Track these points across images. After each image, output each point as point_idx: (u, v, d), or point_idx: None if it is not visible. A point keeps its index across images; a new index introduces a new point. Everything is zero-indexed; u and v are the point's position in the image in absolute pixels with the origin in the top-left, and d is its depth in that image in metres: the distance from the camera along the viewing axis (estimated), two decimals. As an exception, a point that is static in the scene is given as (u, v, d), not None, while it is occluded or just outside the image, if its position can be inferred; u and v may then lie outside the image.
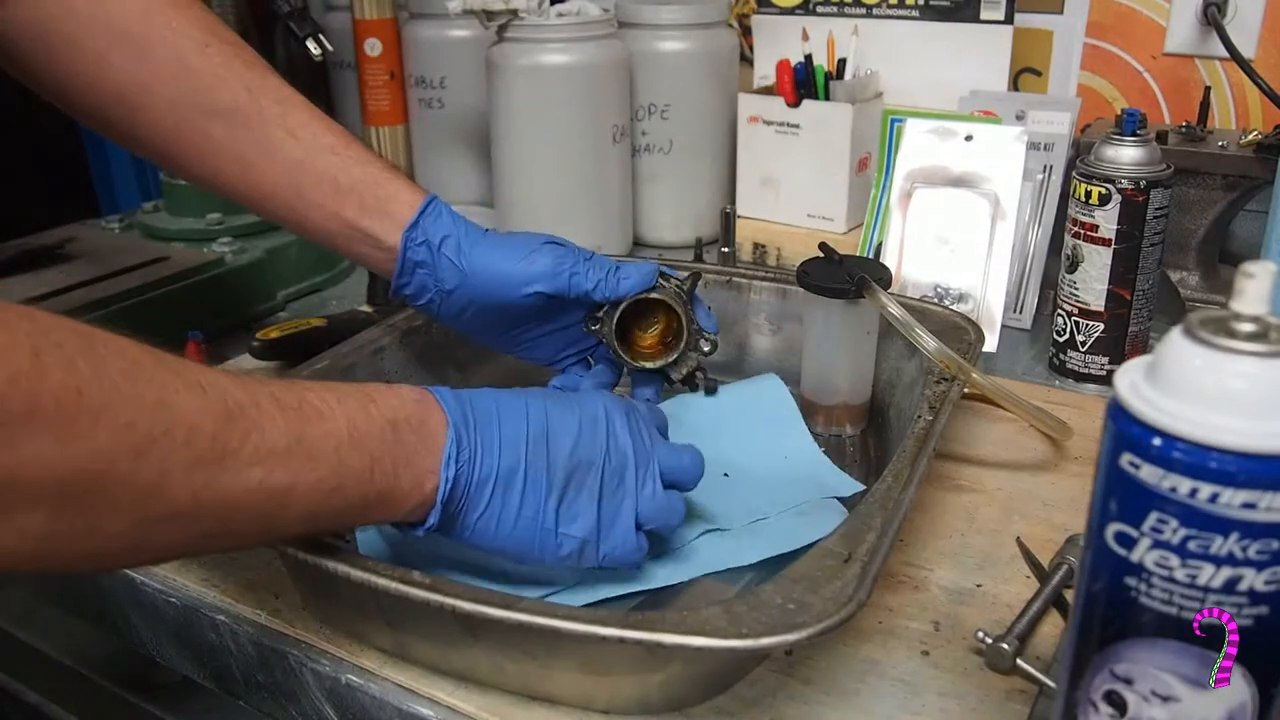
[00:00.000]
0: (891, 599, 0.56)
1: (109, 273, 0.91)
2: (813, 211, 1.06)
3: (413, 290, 0.66)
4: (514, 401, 0.52)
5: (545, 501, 0.51)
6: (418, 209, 0.65)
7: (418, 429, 0.48)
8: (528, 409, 0.52)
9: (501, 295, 0.65)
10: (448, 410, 0.50)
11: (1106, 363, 0.80)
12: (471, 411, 0.50)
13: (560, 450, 0.51)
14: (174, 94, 0.63)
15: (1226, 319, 0.32)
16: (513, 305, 0.65)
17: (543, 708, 0.49)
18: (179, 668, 0.61)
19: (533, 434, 0.51)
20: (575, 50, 0.99)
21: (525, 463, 0.50)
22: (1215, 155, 0.89)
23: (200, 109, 0.63)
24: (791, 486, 0.65)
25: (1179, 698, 0.34)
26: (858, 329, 0.73)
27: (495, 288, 0.64)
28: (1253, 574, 0.31)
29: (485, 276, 0.64)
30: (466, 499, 0.49)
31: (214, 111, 0.63)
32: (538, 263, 0.64)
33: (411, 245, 0.64)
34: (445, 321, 0.68)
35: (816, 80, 1.03)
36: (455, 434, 0.49)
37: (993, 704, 0.49)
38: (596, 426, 0.53)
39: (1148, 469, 0.32)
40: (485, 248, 0.65)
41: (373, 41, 1.22)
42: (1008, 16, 1.00)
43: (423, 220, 0.65)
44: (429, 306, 0.67)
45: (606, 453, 0.53)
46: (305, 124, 0.65)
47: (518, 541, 0.51)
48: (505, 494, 0.50)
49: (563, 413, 0.53)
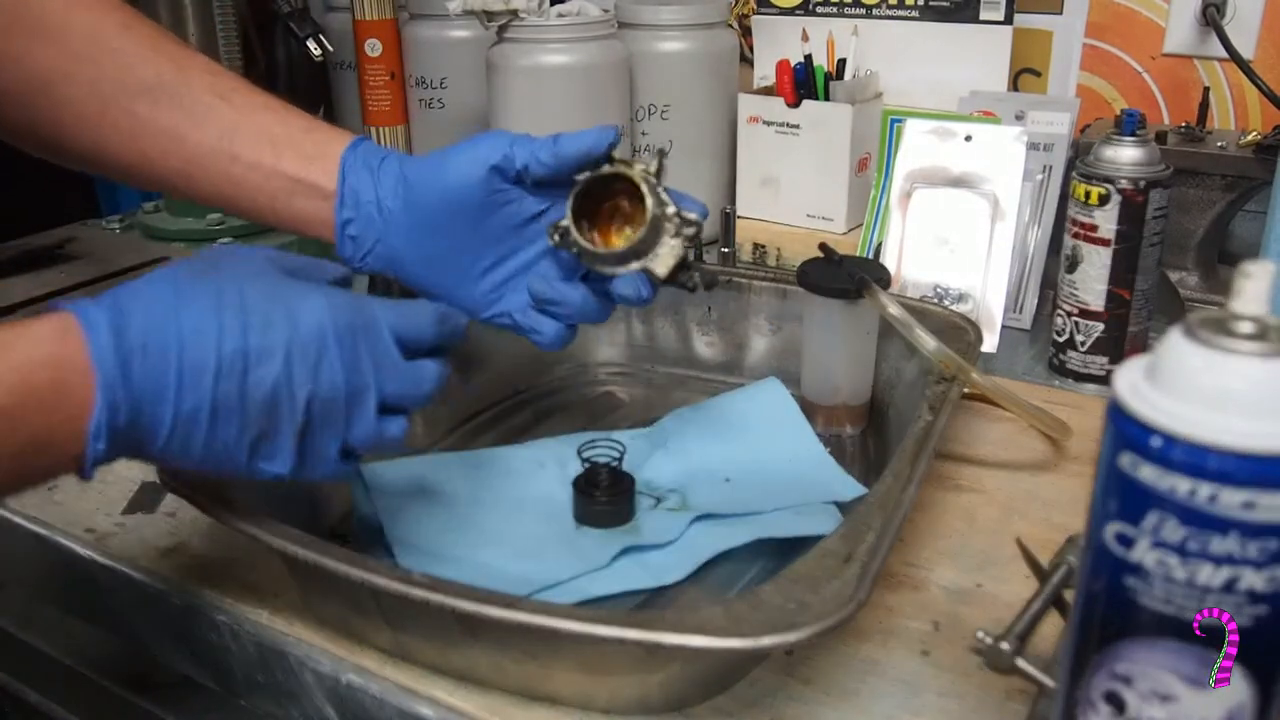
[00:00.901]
0: (891, 599, 0.56)
1: (109, 273, 0.91)
2: (813, 212, 1.06)
3: (358, 228, 0.60)
4: (203, 309, 0.44)
5: (238, 439, 0.45)
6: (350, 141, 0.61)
7: (54, 392, 0.41)
8: (221, 323, 0.44)
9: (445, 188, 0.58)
10: (97, 363, 0.41)
11: (1106, 363, 0.80)
12: (137, 352, 0.42)
13: (258, 385, 0.44)
14: (94, 75, 0.61)
15: (1226, 319, 0.32)
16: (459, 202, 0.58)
17: (543, 708, 0.49)
18: (179, 668, 0.61)
19: (225, 365, 0.43)
20: (575, 50, 0.99)
21: (212, 401, 0.43)
22: (1215, 155, 0.89)
23: (124, 88, 0.61)
24: (792, 489, 0.65)
25: (1179, 697, 0.34)
26: (858, 329, 0.73)
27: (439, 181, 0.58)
28: (1252, 574, 0.31)
29: (427, 174, 0.59)
30: (138, 446, 0.44)
31: (139, 88, 0.60)
32: (478, 141, 0.59)
33: (351, 170, 0.59)
34: (393, 268, 0.61)
35: (816, 80, 1.03)
36: (108, 399, 0.41)
37: (993, 704, 0.49)
38: (305, 356, 0.46)
39: (1147, 469, 0.32)
40: (424, 157, 0.60)
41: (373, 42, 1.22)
42: (1007, 17, 1.00)
43: (361, 145, 0.61)
44: (375, 252, 0.60)
45: (315, 386, 0.46)
46: (235, 89, 0.62)
47: (211, 468, 0.46)
48: (188, 434, 0.44)
49: (268, 330, 0.45)
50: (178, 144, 0.61)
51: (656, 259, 0.57)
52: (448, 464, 0.66)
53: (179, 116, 0.61)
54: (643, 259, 0.57)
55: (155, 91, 0.61)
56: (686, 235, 0.57)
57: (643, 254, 0.57)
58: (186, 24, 1.11)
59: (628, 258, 0.57)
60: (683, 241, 0.58)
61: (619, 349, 0.86)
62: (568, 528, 0.63)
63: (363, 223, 0.60)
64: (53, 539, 0.64)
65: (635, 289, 0.58)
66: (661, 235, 0.57)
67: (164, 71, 0.61)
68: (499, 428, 0.77)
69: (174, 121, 0.61)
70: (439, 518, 0.62)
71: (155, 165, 0.62)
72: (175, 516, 0.65)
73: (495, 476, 0.66)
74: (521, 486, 0.66)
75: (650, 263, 0.57)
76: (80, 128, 0.62)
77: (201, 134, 0.60)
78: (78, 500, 0.66)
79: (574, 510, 0.63)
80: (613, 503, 0.62)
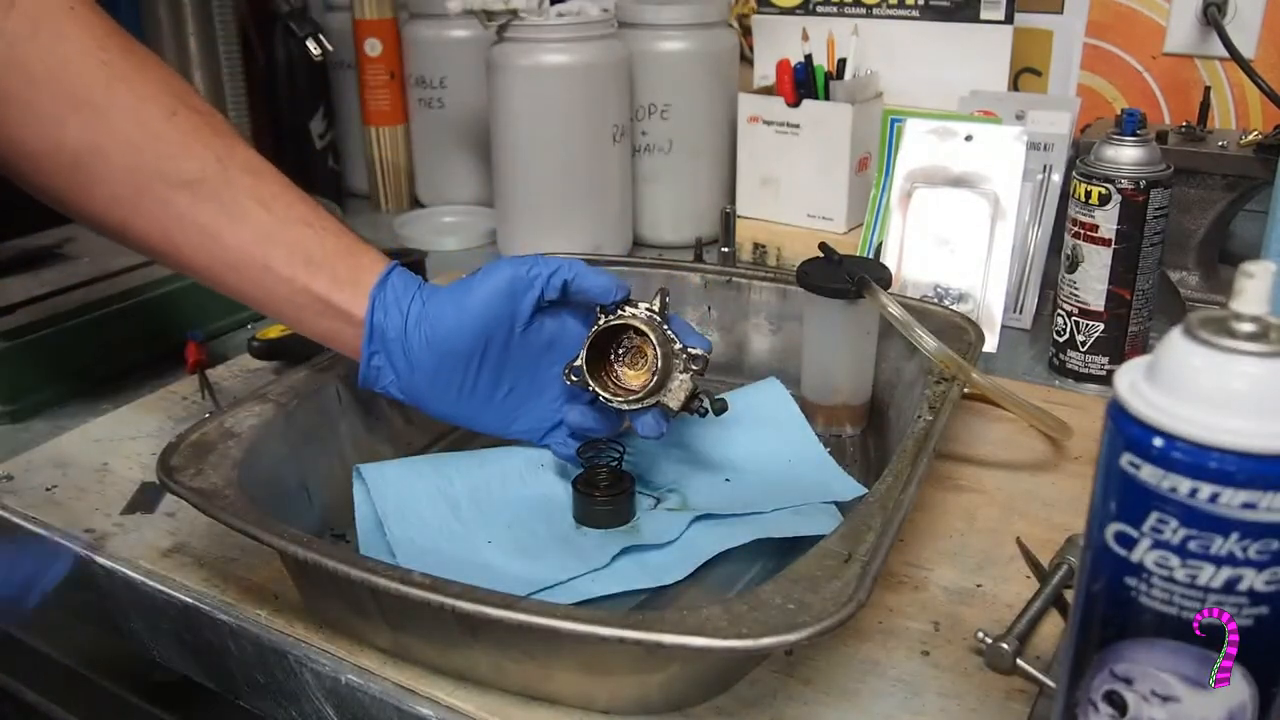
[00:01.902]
0: (891, 599, 0.56)
1: (109, 273, 0.91)
2: (813, 211, 1.06)
3: (382, 361, 0.62)
4: None
5: None
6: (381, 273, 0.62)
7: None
8: None
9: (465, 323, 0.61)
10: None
11: (1106, 363, 0.80)
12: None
13: None
14: (134, 161, 0.59)
15: (1226, 319, 0.32)
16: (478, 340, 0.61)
17: (543, 708, 0.49)
18: (179, 668, 0.61)
19: None
20: (575, 50, 0.99)
21: None
22: (1215, 155, 0.89)
23: (163, 178, 0.59)
24: (792, 489, 0.65)
25: (1179, 698, 0.34)
26: (858, 329, 0.73)
27: (456, 315, 0.61)
28: (1253, 574, 0.31)
29: (449, 304, 0.61)
30: None
31: (179, 181, 0.59)
32: (495, 270, 0.62)
33: (379, 307, 0.61)
34: (421, 398, 0.63)
35: (816, 80, 1.03)
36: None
37: (993, 704, 0.49)
38: None
39: (1148, 469, 0.32)
40: (448, 291, 0.62)
41: (373, 41, 1.22)
42: (1008, 16, 1.00)
43: (390, 278, 0.62)
44: (400, 383, 0.62)
45: None
46: (278, 195, 0.61)
47: None
48: None
49: None
50: (211, 242, 0.60)
51: (669, 394, 0.61)
52: (448, 464, 0.66)
53: (215, 215, 0.60)
54: (656, 397, 0.61)
55: (196, 186, 0.60)
56: (694, 370, 0.62)
57: (655, 393, 0.61)
58: (186, 24, 1.11)
59: (642, 400, 0.61)
60: (690, 376, 0.62)
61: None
62: (568, 528, 0.63)
63: (387, 358, 0.62)
64: (52, 539, 0.64)
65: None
66: (671, 372, 0.62)
67: (207, 166, 0.60)
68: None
69: (210, 219, 0.60)
70: (439, 518, 0.62)
71: (185, 258, 0.62)
72: (175, 516, 0.65)
73: (495, 476, 0.66)
74: (521, 486, 0.65)
75: (664, 398, 0.62)
76: (111, 207, 0.61)
77: (237, 236, 0.60)
78: (77, 500, 0.66)
79: (574, 510, 0.63)
80: (613, 503, 0.62)
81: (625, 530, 0.62)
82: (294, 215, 0.61)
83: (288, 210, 0.61)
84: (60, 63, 0.58)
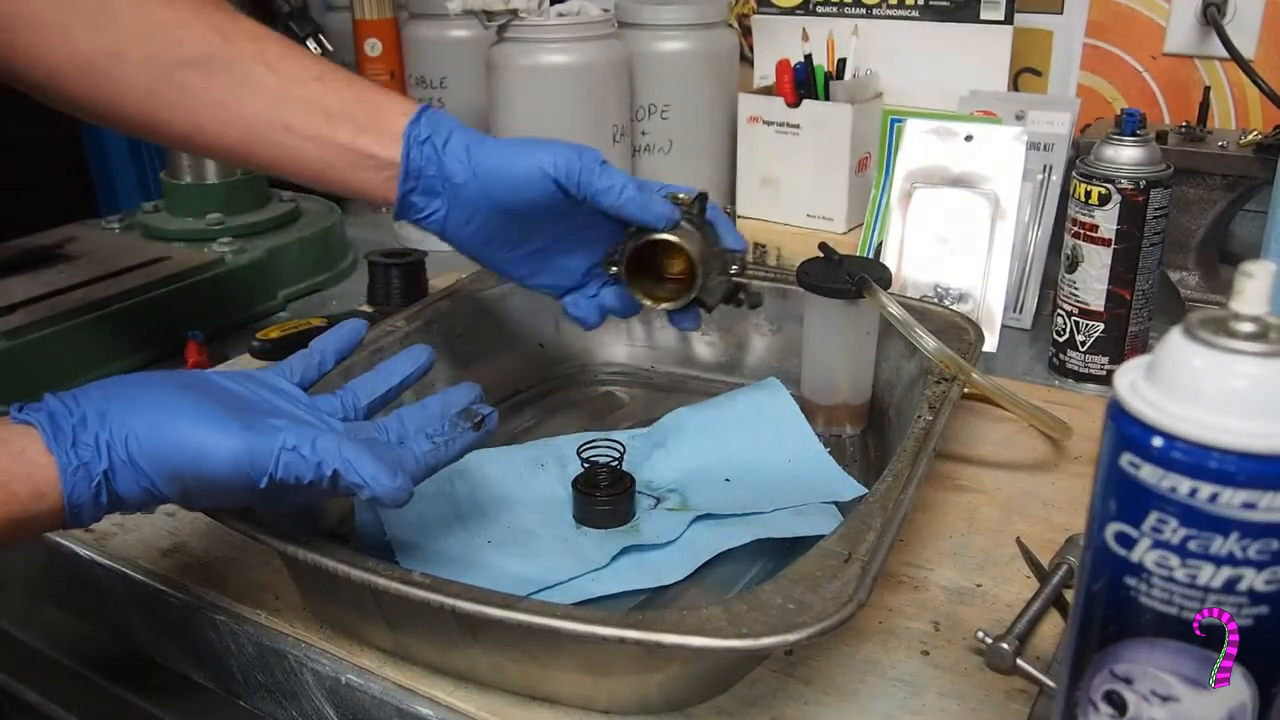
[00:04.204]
0: (891, 599, 0.56)
1: (109, 273, 0.91)
2: (813, 211, 1.06)
3: (420, 196, 0.61)
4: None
5: None
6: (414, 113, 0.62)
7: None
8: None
9: (512, 187, 0.60)
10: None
11: (1106, 363, 0.80)
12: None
13: None
14: (145, 53, 0.60)
15: (1226, 319, 0.32)
16: (523, 203, 0.61)
17: (543, 708, 0.49)
18: (179, 668, 0.61)
19: None
20: (575, 50, 0.99)
21: None
22: (1215, 155, 0.89)
23: (173, 62, 0.60)
24: (792, 489, 0.65)
25: (1179, 698, 0.34)
26: (858, 329, 0.73)
27: (505, 178, 0.60)
28: (1253, 574, 0.31)
29: (495, 167, 0.60)
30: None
31: (187, 61, 0.60)
32: (550, 149, 0.61)
33: (414, 145, 0.61)
34: (453, 238, 0.64)
35: (816, 80, 1.03)
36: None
37: (993, 704, 0.49)
38: None
39: (1148, 469, 0.32)
40: (492, 143, 0.62)
41: (373, 41, 1.22)
42: (1008, 16, 1.00)
43: (423, 118, 0.61)
44: (436, 218, 0.62)
45: None
46: (283, 56, 0.61)
47: None
48: None
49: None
50: (232, 117, 0.61)
51: (706, 293, 0.64)
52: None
53: (229, 88, 0.60)
54: (690, 298, 0.64)
55: (204, 63, 0.60)
56: (730, 274, 0.65)
57: (690, 296, 0.64)
58: (186, 24, 1.11)
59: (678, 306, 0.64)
60: (727, 279, 0.65)
61: (619, 349, 0.86)
62: (568, 528, 0.63)
63: (425, 193, 0.61)
64: (52, 539, 0.64)
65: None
66: (710, 274, 0.64)
67: (211, 41, 0.60)
68: (499, 428, 0.76)
69: (224, 94, 0.60)
70: (439, 518, 0.62)
71: (211, 138, 0.62)
72: (175, 517, 0.65)
73: (495, 477, 0.66)
74: (521, 486, 0.65)
75: (701, 297, 0.64)
76: (133, 102, 0.61)
77: (252, 105, 0.60)
78: (78, 500, 0.66)
79: (574, 510, 0.63)
80: (613, 503, 0.62)
81: (625, 530, 0.62)
82: (303, 74, 0.61)
83: (295, 69, 0.61)
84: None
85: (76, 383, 0.48)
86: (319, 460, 0.47)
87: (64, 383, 0.48)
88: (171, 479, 0.46)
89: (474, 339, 0.78)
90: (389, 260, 0.92)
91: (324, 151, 0.61)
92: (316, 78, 0.61)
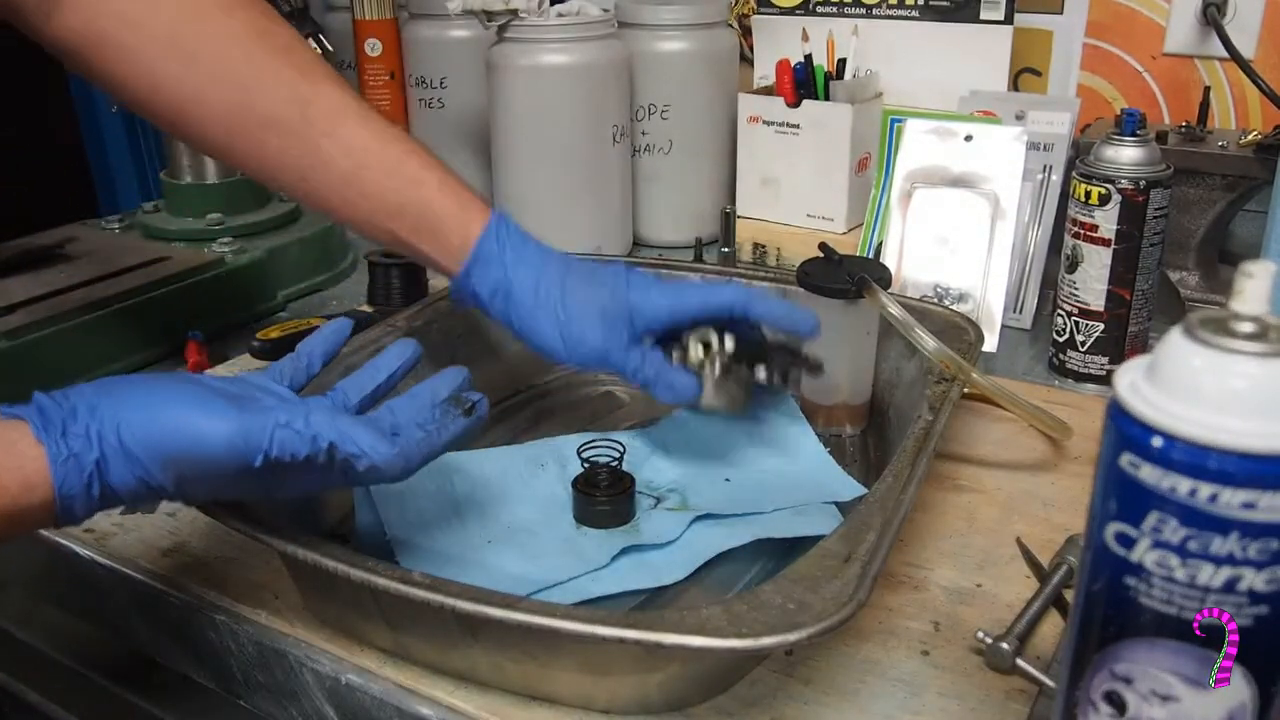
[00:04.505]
0: (891, 599, 0.56)
1: (109, 273, 0.91)
2: (813, 211, 1.06)
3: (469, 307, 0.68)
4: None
5: None
6: (468, 252, 0.64)
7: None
8: None
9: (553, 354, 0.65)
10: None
11: (1106, 363, 0.80)
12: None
13: None
14: (225, 105, 0.63)
15: (1226, 319, 0.32)
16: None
17: (543, 708, 0.49)
18: (179, 668, 0.61)
19: None
20: (575, 50, 0.99)
21: None
22: (1215, 155, 0.89)
23: (252, 119, 0.63)
24: (792, 489, 0.65)
25: (1179, 698, 0.34)
26: (858, 329, 0.73)
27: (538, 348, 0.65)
28: (1253, 574, 0.31)
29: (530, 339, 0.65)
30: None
31: (265, 122, 0.63)
32: (584, 344, 0.64)
33: (463, 292, 0.66)
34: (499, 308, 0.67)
35: (816, 80, 1.03)
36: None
37: (993, 704, 0.49)
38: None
39: (1148, 469, 0.32)
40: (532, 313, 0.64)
41: (373, 41, 1.22)
42: (1007, 16, 1.00)
43: (474, 270, 0.65)
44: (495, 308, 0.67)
45: None
46: (354, 137, 0.64)
47: None
48: None
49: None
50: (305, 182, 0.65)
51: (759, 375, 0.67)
52: (448, 463, 0.66)
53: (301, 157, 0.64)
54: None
55: (280, 127, 0.64)
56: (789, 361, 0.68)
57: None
58: (186, 24, 1.11)
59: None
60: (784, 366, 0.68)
61: (619, 349, 0.86)
62: (568, 528, 0.63)
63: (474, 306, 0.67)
64: (52, 539, 0.64)
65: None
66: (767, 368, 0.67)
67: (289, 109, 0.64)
68: (499, 428, 0.77)
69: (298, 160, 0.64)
70: (439, 518, 0.62)
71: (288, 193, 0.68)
72: (175, 516, 0.65)
73: (495, 476, 0.66)
74: (521, 486, 0.65)
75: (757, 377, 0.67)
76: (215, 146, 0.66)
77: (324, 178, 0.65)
78: (78, 500, 0.66)
79: (574, 510, 0.63)
80: (613, 503, 0.62)
81: (625, 530, 0.62)
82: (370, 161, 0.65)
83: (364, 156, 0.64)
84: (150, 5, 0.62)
85: (77, 383, 0.48)
86: (314, 434, 0.46)
87: (64, 383, 0.48)
88: (166, 465, 0.45)
89: (474, 339, 0.78)
90: (389, 260, 0.92)
91: (388, 236, 0.66)
92: (382, 168, 0.64)
